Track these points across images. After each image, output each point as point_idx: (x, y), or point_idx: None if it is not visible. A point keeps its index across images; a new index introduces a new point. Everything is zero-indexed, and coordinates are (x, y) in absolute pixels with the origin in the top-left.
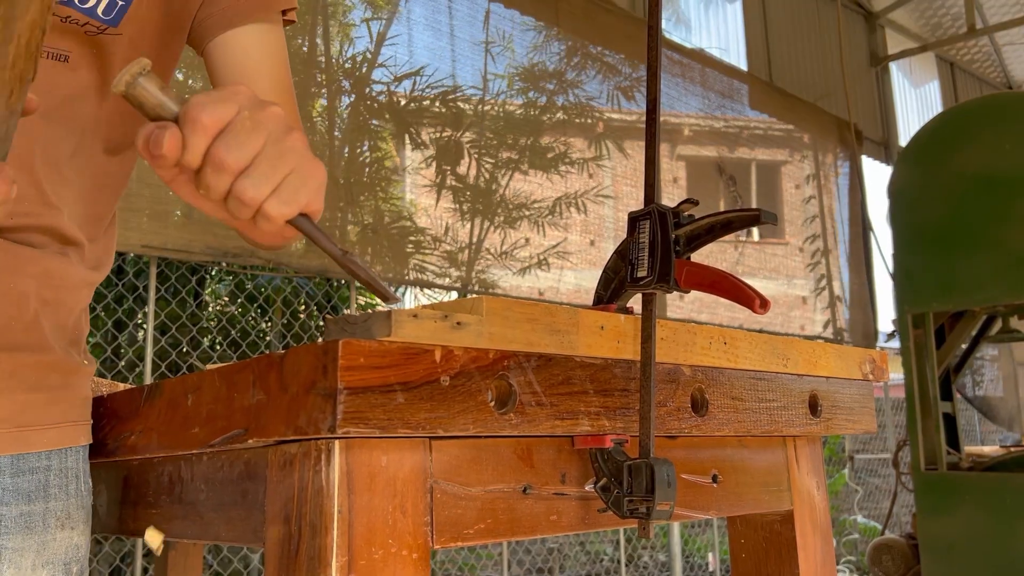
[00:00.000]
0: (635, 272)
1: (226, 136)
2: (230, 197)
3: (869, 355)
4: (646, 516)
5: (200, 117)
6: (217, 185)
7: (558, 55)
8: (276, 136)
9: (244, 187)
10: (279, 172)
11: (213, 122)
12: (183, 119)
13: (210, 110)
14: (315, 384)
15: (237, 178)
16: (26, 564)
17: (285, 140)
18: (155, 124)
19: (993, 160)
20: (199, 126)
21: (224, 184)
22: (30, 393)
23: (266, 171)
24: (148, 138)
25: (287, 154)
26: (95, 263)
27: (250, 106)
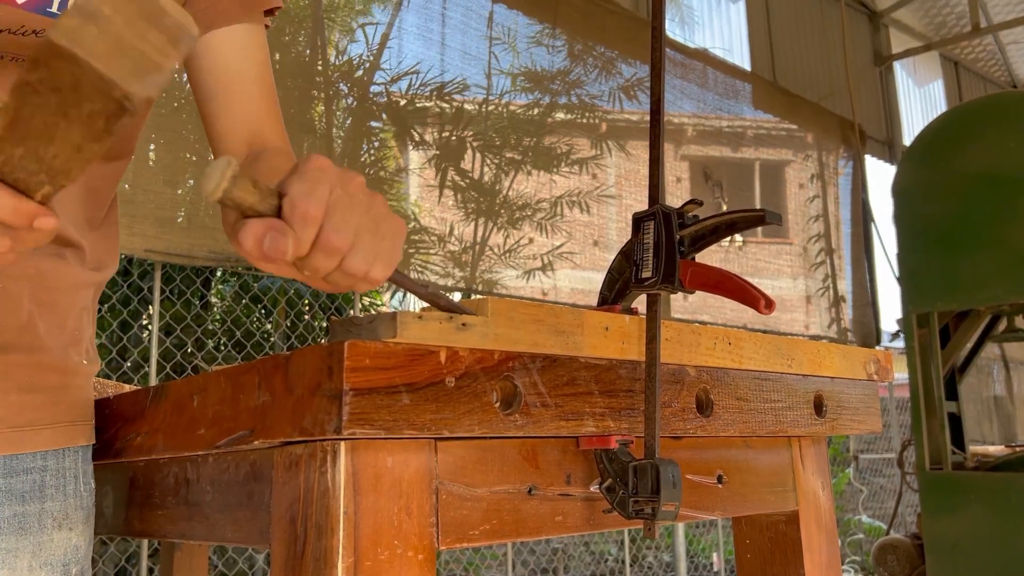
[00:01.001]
0: (640, 273)
1: (331, 220)
2: (337, 272)
3: (874, 355)
4: (651, 517)
5: (310, 211)
6: (328, 267)
7: (560, 55)
8: (367, 207)
9: (353, 264)
10: (378, 241)
11: (320, 212)
12: (292, 216)
13: (316, 201)
14: (320, 385)
15: (345, 256)
16: (22, 565)
17: (374, 208)
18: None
19: (998, 159)
20: (310, 219)
21: (333, 265)
22: (24, 394)
23: (369, 244)
24: (261, 240)
25: (381, 222)
26: (96, 264)
27: (339, 183)
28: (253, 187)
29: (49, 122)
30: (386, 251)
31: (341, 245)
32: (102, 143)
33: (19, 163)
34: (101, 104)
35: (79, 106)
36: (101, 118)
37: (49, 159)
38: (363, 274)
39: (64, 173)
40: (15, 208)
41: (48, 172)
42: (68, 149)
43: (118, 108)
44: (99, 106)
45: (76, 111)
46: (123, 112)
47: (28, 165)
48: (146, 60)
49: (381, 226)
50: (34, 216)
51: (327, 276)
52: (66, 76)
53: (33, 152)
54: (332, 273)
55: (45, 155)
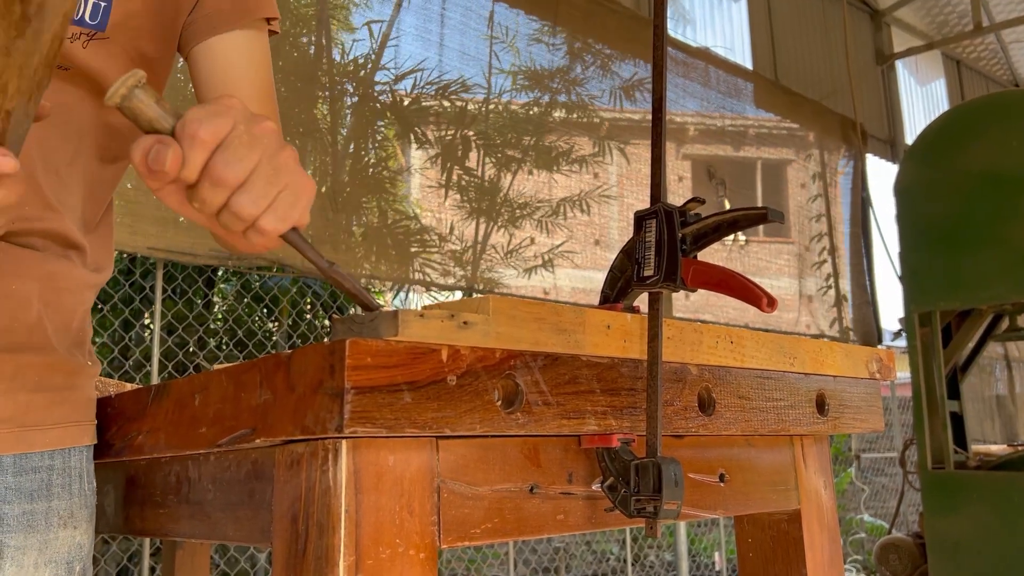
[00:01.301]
0: (642, 271)
1: (224, 152)
2: (225, 211)
3: (876, 354)
4: (653, 515)
5: (199, 133)
6: (213, 200)
7: (560, 53)
8: (271, 152)
9: (241, 203)
10: (274, 188)
11: (212, 137)
12: (181, 134)
13: (208, 125)
14: (322, 384)
15: (234, 193)
16: (28, 562)
17: (279, 156)
18: (154, 138)
19: (1000, 158)
20: (198, 141)
21: (220, 199)
22: (33, 394)
23: (262, 188)
24: (147, 152)
25: (281, 170)
26: (96, 265)
27: (245, 120)
28: (154, 103)
29: None
30: (282, 202)
31: (228, 177)
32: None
33: None
34: None
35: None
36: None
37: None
38: (251, 217)
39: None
40: None
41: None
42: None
43: None
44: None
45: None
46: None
47: None
48: None
49: (281, 175)
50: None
51: (219, 216)
52: None
53: None
54: (222, 212)
55: None
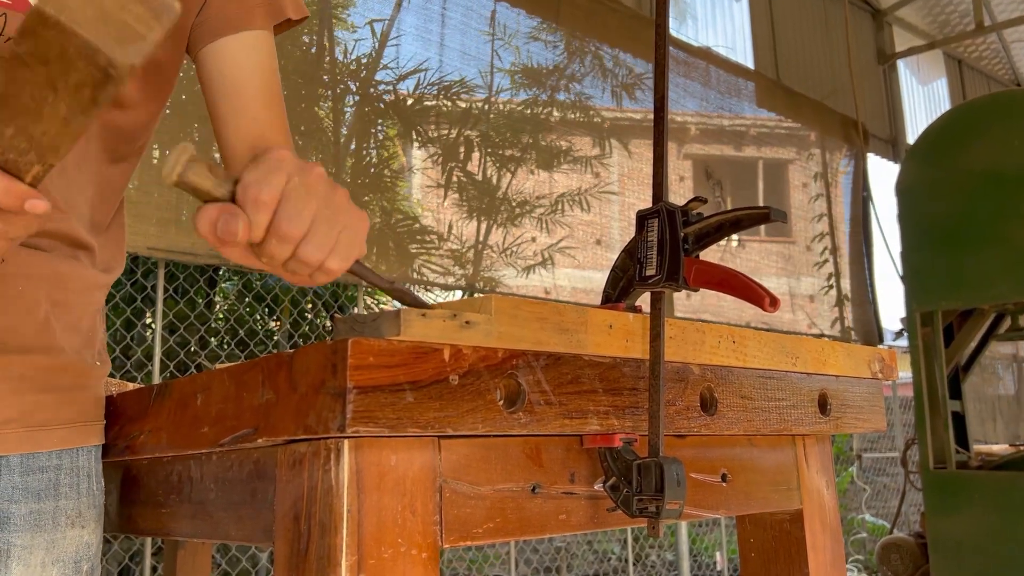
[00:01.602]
0: (644, 271)
1: (285, 208)
2: (293, 260)
3: (878, 353)
4: (656, 515)
5: (261, 196)
6: (282, 254)
7: (560, 52)
8: (326, 198)
9: (308, 252)
10: (335, 231)
11: (272, 198)
12: (244, 199)
13: (267, 187)
14: (324, 383)
15: (299, 244)
16: (35, 561)
17: (333, 200)
18: (218, 208)
19: (1002, 157)
20: (261, 204)
21: (288, 252)
22: (41, 394)
23: (324, 234)
24: (214, 224)
25: (339, 213)
26: (105, 265)
27: (298, 172)
28: (209, 172)
29: (37, 96)
30: (344, 243)
31: (294, 233)
32: (89, 115)
33: (10, 143)
34: (87, 72)
35: (66, 76)
36: (88, 87)
37: (38, 136)
38: (318, 263)
39: (53, 150)
40: (7, 189)
41: (38, 150)
42: (56, 124)
43: (103, 76)
44: (85, 75)
45: (63, 82)
46: (108, 80)
47: (18, 144)
48: (128, 29)
49: (339, 217)
50: (25, 198)
51: (285, 264)
52: (53, 45)
53: (23, 130)
54: (289, 261)
55: (34, 132)
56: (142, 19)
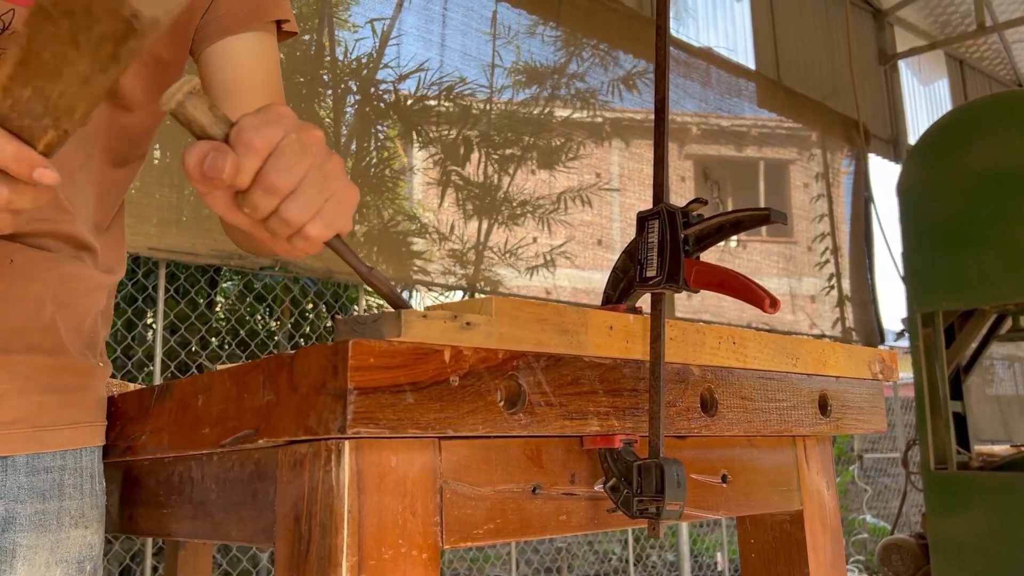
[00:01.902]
0: (644, 272)
1: (276, 159)
2: (274, 217)
3: (879, 354)
4: (656, 516)
5: (254, 140)
6: (265, 206)
7: (560, 50)
8: (320, 160)
9: (291, 210)
10: (322, 196)
11: (265, 145)
12: (236, 142)
13: (262, 133)
14: (325, 384)
15: (284, 200)
16: (39, 561)
17: (327, 164)
18: (209, 145)
19: (1003, 157)
20: (252, 149)
21: (271, 205)
22: (46, 394)
23: (312, 195)
24: (203, 158)
25: (330, 178)
26: (107, 267)
27: (296, 129)
28: (208, 109)
29: (58, 53)
30: (329, 211)
31: (281, 184)
32: (108, 73)
33: (26, 107)
34: (110, 25)
35: (89, 29)
36: (110, 42)
37: (56, 98)
38: (299, 224)
39: (69, 113)
40: (16, 155)
41: (53, 114)
42: (75, 83)
43: (127, 28)
44: (108, 27)
45: (86, 36)
46: (131, 33)
47: (35, 108)
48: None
49: (329, 183)
50: (35, 166)
51: (266, 222)
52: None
53: (40, 92)
54: (271, 218)
55: (52, 93)
56: None
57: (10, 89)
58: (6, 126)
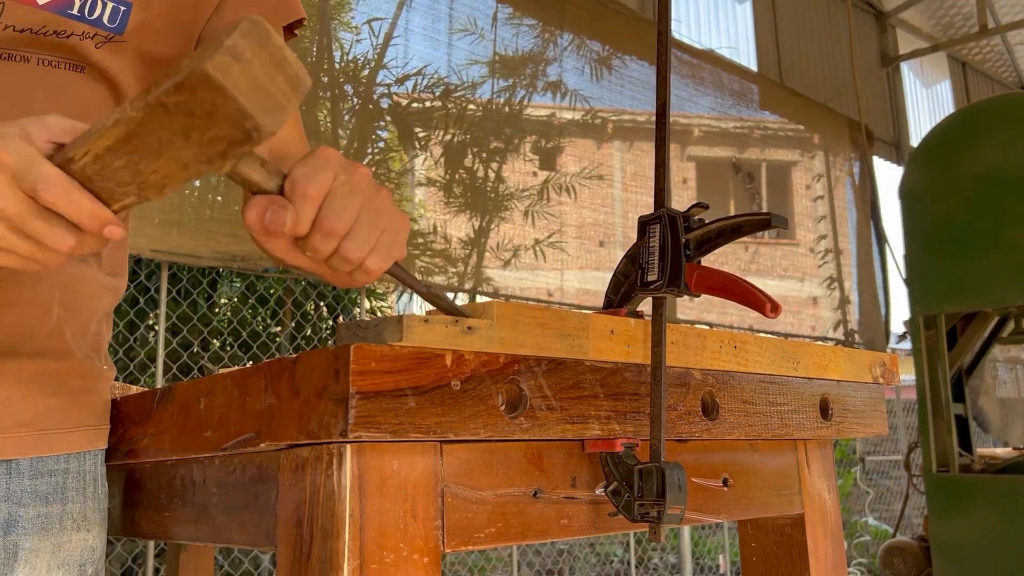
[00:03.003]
0: (645, 276)
1: (331, 204)
2: (335, 256)
3: (879, 358)
4: (657, 520)
5: (308, 191)
6: (326, 248)
7: (564, 52)
8: (370, 197)
9: (350, 248)
10: (377, 230)
11: (319, 193)
12: (292, 193)
13: (315, 182)
14: (327, 388)
15: (342, 240)
16: (41, 564)
17: (377, 200)
18: (266, 200)
19: (1006, 160)
20: (308, 199)
21: (331, 246)
22: (51, 398)
23: (367, 232)
24: (263, 215)
25: (381, 213)
26: (111, 270)
27: (344, 170)
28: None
29: (165, 140)
30: (385, 243)
31: (338, 227)
32: (211, 166)
33: (113, 173)
34: (229, 131)
35: (205, 130)
36: (223, 143)
37: (147, 174)
38: (359, 260)
39: (157, 188)
40: (92, 213)
41: (140, 185)
42: (174, 167)
43: (244, 137)
44: (226, 132)
45: (199, 134)
46: (247, 141)
47: (122, 176)
48: (273, 100)
49: (382, 217)
50: (106, 224)
51: (328, 261)
52: (206, 104)
53: (134, 166)
54: (331, 257)
55: (145, 169)
56: (284, 92)
57: (103, 158)
58: (87, 185)
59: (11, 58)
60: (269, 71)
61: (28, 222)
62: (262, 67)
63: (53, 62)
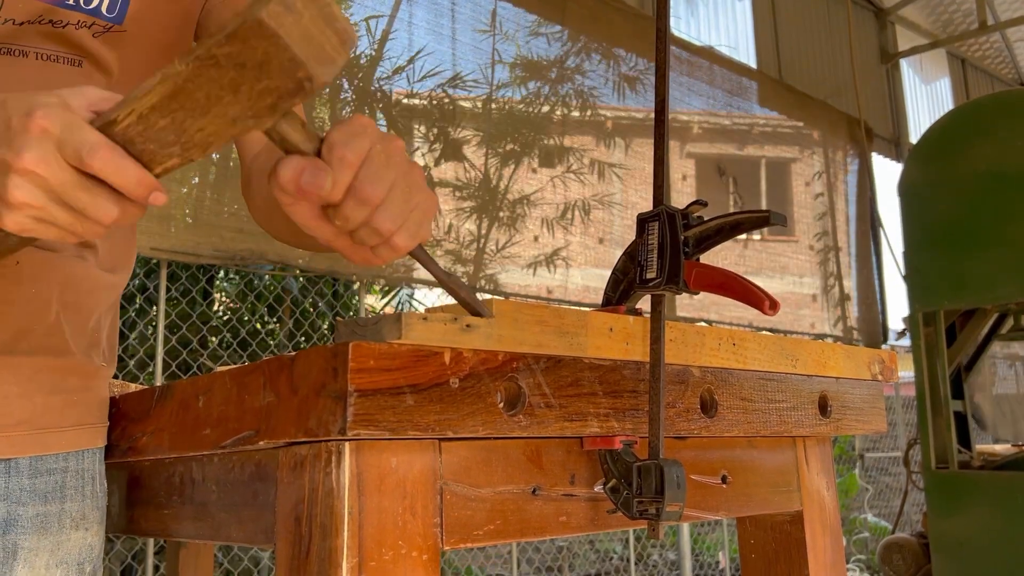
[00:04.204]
0: (644, 273)
1: (367, 170)
2: (365, 227)
3: (878, 355)
4: (656, 517)
5: (346, 155)
6: (358, 217)
7: (565, 52)
8: (404, 170)
9: (382, 220)
10: (408, 206)
11: (357, 159)
12: (330, 157)
13: (353, 147)
14: (325, 386)
15: (375, 210)
16: (40, 563)
17: (411, 174)
18: (304, 161)
19: (1005, 157)
20: (346, 163)
21: (364, 216)
22: (50, 396)
23: (400, 205)
24: (299, 174)
25: (413, 189)
26: (110, 265)
27: (380, 140)
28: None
29: (213, 96)
30: (414, 220)
31: (373, 196)
32: (260, 121)
33: (156, 134)
34: (280, 81)
35: (255, 83)
36: (273, 95)
37: (192, 132)
38: (389, 233)
39: (201, 147)
40: (139, 179)
41: (184, 145)
42: (221, 123)
43: (297, 87)
44: (277, 83)
45: (249, 87)
46: (299, 92)
47: (165, 136)
48: (324, 52)
49: (414, 193)
50: (152, 190)
51: (356, 231)
52: (259, 53)
53: (179, 124)
54: (360, 228)
55: (190, 128)
56: (334, 45)
57: (147, 118)
58: (129, 149)
59: (10, 52)
60: (319, 24)
61: (71, 191)
62: (312, 19)
63: (51, 56)
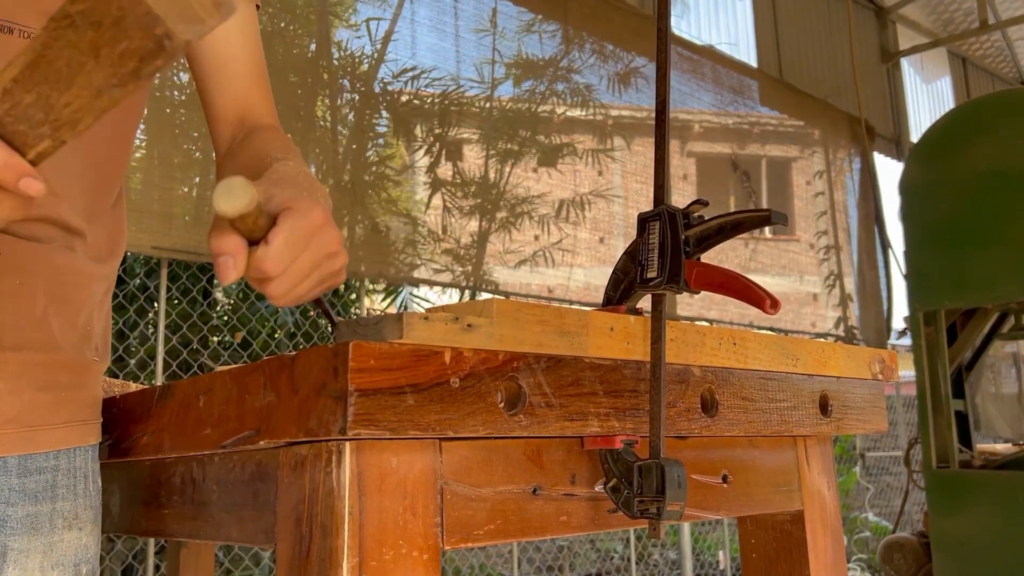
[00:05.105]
0: (645, 273)
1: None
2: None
3: (879, 355)
4: (656, 517)
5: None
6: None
7: (564, 51)
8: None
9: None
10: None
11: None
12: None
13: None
14: (326, 386)
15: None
16: (32, 565)
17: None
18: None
19: (1006, 156)
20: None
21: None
22: (38, 393)
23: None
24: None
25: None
26: (97, 255)
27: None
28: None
29: (75, 62)
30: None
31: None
32: (124, 88)
33: (23, 112)
34: (140, 41)
35: (115, 44)
36: (135, 58)
37: (60, 107)
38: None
39: (71, 125)
40: (5, 162)
41: (53, 124)
42: (86, 94)
43: (156, 47)
44: (137, 43)
45: (109, 49)
46: (159, 52)
47: (34, 115)
48: (189, 10)
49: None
50: (22, 175)
51: None
52: (112, 8)
53: (44, 99)
54: None
55: (57, 103)
56: (204, 5)
57: (12, 92)
58: None
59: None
60: None
61: None
62: None
63: None
